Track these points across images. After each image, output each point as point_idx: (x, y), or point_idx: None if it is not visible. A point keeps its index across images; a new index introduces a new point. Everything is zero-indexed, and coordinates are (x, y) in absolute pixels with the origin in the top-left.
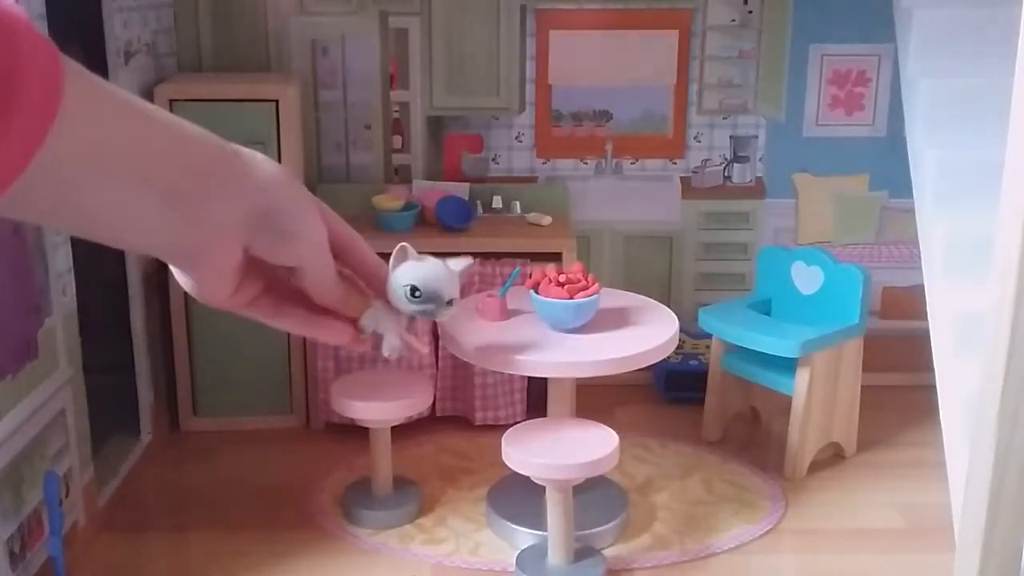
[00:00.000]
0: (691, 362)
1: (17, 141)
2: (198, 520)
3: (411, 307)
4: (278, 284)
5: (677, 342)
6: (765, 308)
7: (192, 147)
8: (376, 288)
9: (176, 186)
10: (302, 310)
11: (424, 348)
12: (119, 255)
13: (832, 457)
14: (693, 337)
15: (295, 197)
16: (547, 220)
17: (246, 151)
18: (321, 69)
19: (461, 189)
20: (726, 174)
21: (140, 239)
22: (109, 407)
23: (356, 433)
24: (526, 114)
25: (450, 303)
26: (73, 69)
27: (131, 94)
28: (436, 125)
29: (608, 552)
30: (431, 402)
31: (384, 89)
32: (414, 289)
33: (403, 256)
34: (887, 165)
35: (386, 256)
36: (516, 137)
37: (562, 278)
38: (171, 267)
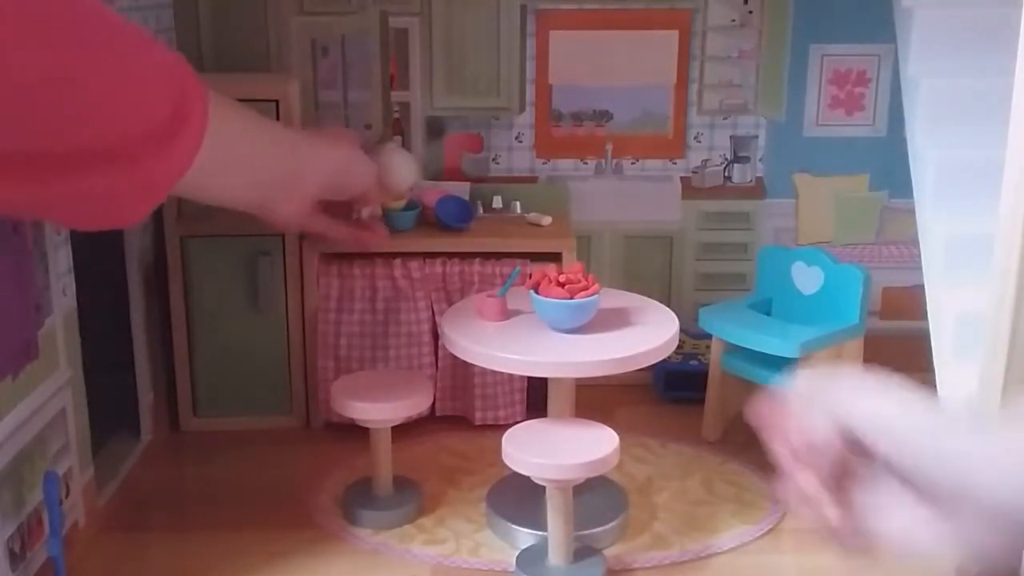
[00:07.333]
0: (691, 362)
1: (188, 147)
2: (198, 520)
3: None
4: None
5: (677, 342)
6: (765, 308)
7: (284, 141)
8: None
9: (269, 171)
10: (343, 225)
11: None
12: (119, 255)
13: None
14: (693, 337)
15: (349, 163)
16: (547, 220)
17: (316, 140)
18: (321, 69)
19: (461, 189)
20: (726, 174)
21: (240, 200)
22: (109, 407)
23: (356, 433)
24: (526, 114)
25: None
26: (211, 97)
27: (241, 105)
28: (436, 125)
29: (608, 552)
30: (431, 402)
31: (384, 89)
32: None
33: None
34: (887, 165)
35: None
36: (516, 137)
37: (562, 278)
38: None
